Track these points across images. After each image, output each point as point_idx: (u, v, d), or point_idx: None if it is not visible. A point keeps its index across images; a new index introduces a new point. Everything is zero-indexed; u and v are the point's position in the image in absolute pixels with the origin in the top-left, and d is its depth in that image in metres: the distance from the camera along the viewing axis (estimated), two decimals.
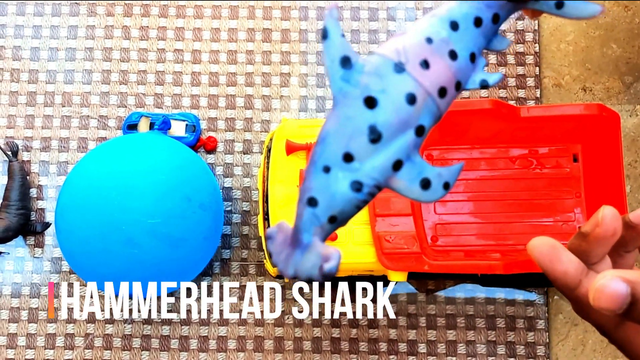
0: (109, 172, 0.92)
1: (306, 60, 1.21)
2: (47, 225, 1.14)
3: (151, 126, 1.15)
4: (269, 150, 0.97)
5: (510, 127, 0.96)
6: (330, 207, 0.37)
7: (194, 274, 1.02)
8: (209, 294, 1.13)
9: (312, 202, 0.38)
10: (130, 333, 1.12)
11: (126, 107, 1.19)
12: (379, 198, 0.89)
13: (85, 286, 1.13)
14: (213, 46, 1.21)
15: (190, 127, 1.16)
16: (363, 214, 0.91)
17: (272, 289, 1.12)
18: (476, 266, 0.87)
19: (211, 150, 1.17)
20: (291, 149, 0.92)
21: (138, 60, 1.21)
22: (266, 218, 0.95)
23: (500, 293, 1.12)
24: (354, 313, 1.11)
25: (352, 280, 1.07)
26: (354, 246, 0.90)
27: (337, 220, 0.38)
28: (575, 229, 1.02)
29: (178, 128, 1.15)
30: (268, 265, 1.01)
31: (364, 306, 1.11)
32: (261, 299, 1.12)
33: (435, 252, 0.95)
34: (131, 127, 1.16)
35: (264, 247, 0.96)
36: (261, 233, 0.97)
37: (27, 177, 1.16)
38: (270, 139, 0.99)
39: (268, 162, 0.96)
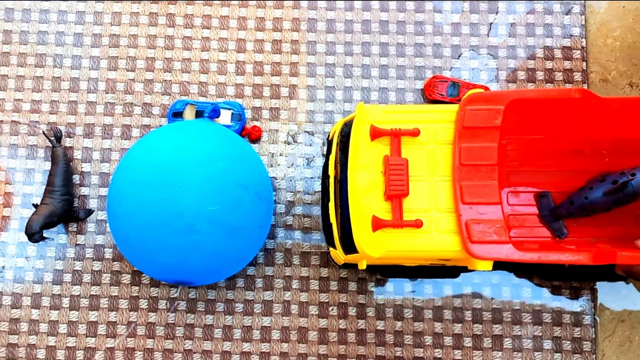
0: (166, 158, 0.91)
1: (351, 51, 1.20)
2: (90, 212, 1.14)
3: (197, 114, 1.14)
4: (343, 136, 0.96)
5: (592, 118, 0.95)
6: None
7: (245, 263, 1.01)
8: (251, 285, 1.12)
9: None
10: (173, 322, 1.11)
11: (170, 94, 1.18)
12: (466, 185, 0.88)
13: (129, 273, 1.12)
14: (258, 35, 1.21)
15: (235, 116, 1.15)
16: (448, 202, 0.89)
17: (324, 278, 1.11)
18: (564, 257, 0.86)
19: (256, 139, 1.17)
20: (376, 134, 0.90)
21: (182, 48, 1.20)
22: (340, 205, 0.93)
23: (546, 287, 1.11)
24: (400, 306, 1.11)
25: (416, 273, 1.06)
26: (438, 234, 0.88)
27: None
28: None
29: (224, 117, 1.14)
30: (335, 253, 1.00)
31: (409, 300, 1.10)
32: (306, 290, 1.12)
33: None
34: (176, 114, 1.15)
35: (335, 235, 0.95)
36: (333, 220, 0.96)
37: (71, 163, 1.15)
38: (345, 124, 0.97)
39: (342, 148, 0.95)
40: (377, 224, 0.87)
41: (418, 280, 1.11)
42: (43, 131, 1.15)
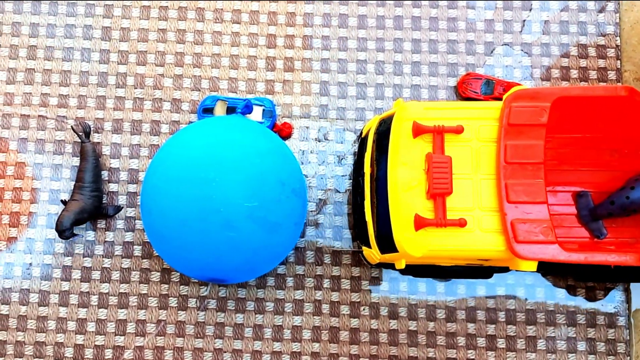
0: (203, 154, 0.89)
1: (383, 47, 1.18)
2: (119, 208, 1.12)
3: (228, 110, 1.12)
4: (378, 134, 0.94)
5: (635, 117, 0.94)
6: None
7: (279, 261, 0.99)
8: (282, 284, 1.11)
9: None
10: (203, 320, 1.09)
11: (200, 90, 1.17)
12: (512, 184, 0.87)
13: (158, 271, 1.11)
14: (288, 30, 1.19)
15: (266, 112, 1.13)
16: (492, 201, 0.88)
17: (356, 277, 1.10)
18: (611, 258, 0.84)
19: (286, 136, 1.15)
20: (419, 130, 0.89)
21: (212, 43, 1.18)
22: (377, 203, 0.91)
23: (580, 289, 1.10)
24: (433, 306, 1.09)
25: (449, 274, 1.05)
26: (481, 233, 0.87)
27: None
28: None
29: (256, 113, 1.13)
30: (369, 253, 0.99)
31: (440, 303, 1.09)
32: (337, 289, 1.10)
33: None
34: (206, 110, 1.14)
35: (370, 234, 0.93)
36: (368, 219, 0.94)
37: (100, 159, 1.13)
38: (382, 121, 0.96)
39: (378, 145, 0.94)
40: (420, 223, 0.85)
41: (450, 280, 1.10)
42: (72, 126, 1.13)
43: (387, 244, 0.89)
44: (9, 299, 1.10)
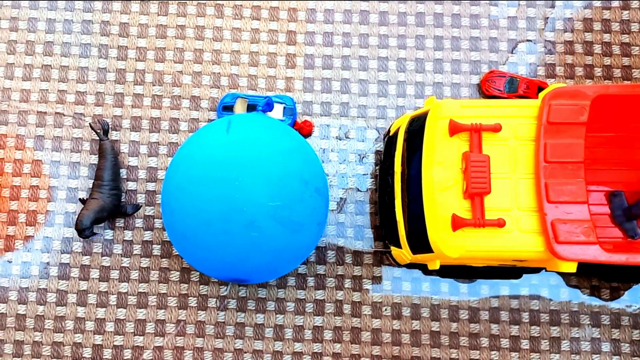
0: (224, 152, 0.88)
1: (404, 44, 1.17)
2: (138, 207, 1.11)
3: (249, 108, 1.11)
4: (409, 132, 0.93)
5: None
6: None
7: (301, 261, 0.98)
8: (302, 284, 1.09)
9: None
10: (223, 320, 1.08)
11: (219, 87, 1.15)
12: (552, 183, 0.86)
13: (178, 270, 1.10)
14: (309, 27, 1.17)
15: (287, 110, 1.12)
16: (530, 201, 0.86)
17: (377, 277, 1.08)
18: None
19: (307, 134, 1.14)
20: (456, 129, 0.87)
21: (231, 40, 1.17)
22: (408, 202, 0.90)
23: (604, 289, 1.09)
24: (456, 307, 1.08)
25: (477, 275, 1.04)
26: (520, 234, 0.86)
27: None
28: None
29: (277, 111, 1.11)
30: (398, 253, 0.97)
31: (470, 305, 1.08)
32: (359, 289, 1.09)
33: None
34: (226, 108, 1.12)
35: (401, 234, 0.92)
36: (399, 219, 0.93)
37: (118, 157, 1.12)
38: (414, 119, 0.94)
39: (409, 144, 0.92)
40: (458, 223, 0.84)
41: (475, 281, 1.08)
42: (90, 124, 1.11)
43: (420, 244, 0.87)
44: (26, 299, 1.09)
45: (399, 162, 0.93)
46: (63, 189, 1.12)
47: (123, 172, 1.12)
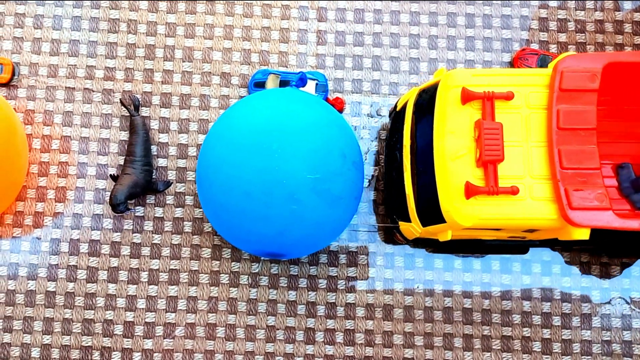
0: (265, 123, 0.87)
1: (436, 21, 1.16)
2: (169, 184, 1.10)
3: (281, 84, 1.10)
4: (417, 105, 0.92)
5: None
6: None
7: (338, 235, 0.98)
8: (334, 261, 1.09)
9: None
10: (255, 297, 1.08)
11: (250, 64, 1.14)
12: (565, 150, 0.85)
13: (209, 247, 1.09)
14: (339, 4, 1.16)
15: (319, 86, 1.11)
16: (543, 168, 0.86)
17: (409, 254, 1.08)
18: None
19: (339, 112, 1.13)
20: (468, 97, 0.86)
21: (261, 16, 1.16)
22: (419, 173, 0.89)
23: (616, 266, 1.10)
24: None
25: (484, 249, 1.03)
26: (532, 201, 0.85)
27: None
28: None
29: (310, 87, 1.10)
30: (407, 227, 0.97)
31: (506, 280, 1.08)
32: (391, 266, 1.09)
33: None
34: (257, 85, 1.11)
35: (410, 207, 0.91)
36: (409, 192, 0.92)
37: (149, 133, 1.11)
38: (423, 91, 0.94)
39: (418, 117, 0.91)
40: (471, 191, 0.83)
41: (488, 260, 1.09)
42: (120, 99, 1.10)
43: (431, 215, 0.86)
44: (55, 276, 1.08)
45: (408, 135, 0.93)
46: (93, 165, 1.10)
47: (154, 149, 1.11)
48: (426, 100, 0.92)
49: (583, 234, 0.84)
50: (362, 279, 1.09)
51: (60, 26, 1.14)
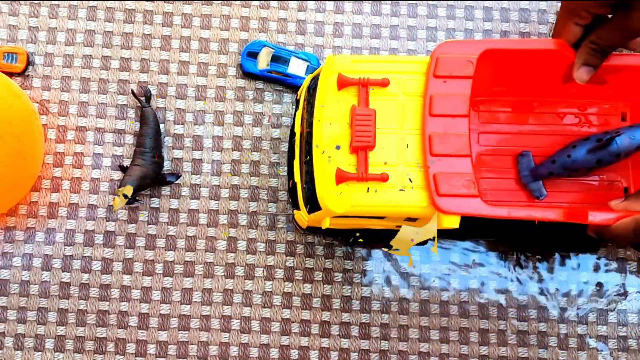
0: None
1: (453, 14, 1.16)
2: (178, 176, 1.09)
3: (273, 58, 1.09)
4: (310, 90, 0.91)
5: (566, 76, 0.92)
6: None
7: None
8: (350, 254, 1.09)
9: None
10: (270, 290, 1.07)
11: (248, 31, 1.13)
12: (436, 136, 0.84)
13: (224, 240, 1.09)
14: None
15: (310, 69, 1.10)
16: (416, 156, 0.85)
17: (424, 249, 1.08)
18: (535, 213, 0.83)
19: None
20: (343, 83, 0.85)
21: (278, 8, 1.15)
22: (306, 161, 0.88)
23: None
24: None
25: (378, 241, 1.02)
26: (404, 188, 0.84)
27: None
28: (620, 189, 1.01)
29: (299, 69, 1.09)
30: (299, 216, 0.96)
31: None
32: (405, 260, 1.09)
33: None
34: (250, 54, 1.10)
35: (299, 195, 0.91)
36: (297, 179, 0.91)
37: (160, 124, 1.10)
38: (313, 78, 0.93)
39: (309, 103, 0.90)
40: (341, 177, 0.82)
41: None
42: (132, 90, 1.10)
43: (314, 203, 0.85)
44: (70, 267, 1.07)
45: (299, 122, 0.92)
46: (108, 156, 1.10)
47: (169, 140, 1.10)
48: (314, 86, 0.91)
49: (453, 222, 0.82)
50: (377, 273, 1.09)
51: (76, 16, 1.13)
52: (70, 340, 1.05)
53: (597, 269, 1.08)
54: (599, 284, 1.08)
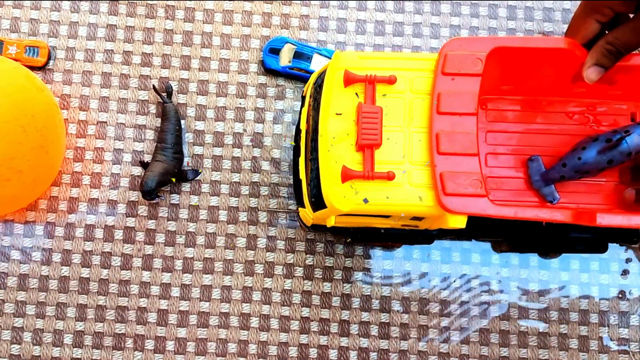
0: None
1: (477, 13, 1.15)
2: (198, 173, 1.09)
3: (295, 55, 1.09)
4: (316, 86, 0.89)
5: (575, 75, 0.89)
6: None
7: None
8: (370, 253, 1.08)
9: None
10: (290, 288, 1.07)
11: (270, 27, 1.12)
12: (443, 134, 0.82)
13: (244, 237, 1.08)
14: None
15: None
16: (423, 155, 0.83)
17: (446, 248, 1.07)
18: (542, 214, 0.80)
19: None
20: (350, 80, 0.83)
21: (300, 4, 1.14)
22: (311, 158, 0.86)
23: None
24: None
25: (389, 238, 1.00)
26: (411, 187, 0.82)
27: None
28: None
29: (322, 65, 1.08)
30: (303, 213, 0.95)
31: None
32: (427, 260, 1.08)
33: None
34: (273, 51, 1.09)
35: (304, 192, 0.89)
36: (302, 176, 0.90)
37: (181, 120, 1.10)
38: (319, 75, 0.91)
39: (314, 100, 0.89)
40: (347, 175, 0.80)
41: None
42: (153, 85, 1.09)
43: (319, 200, 0.84)
44: (90, 262, 1.07)
45: (304, 119, 0.91)
46: (128, 151, 1.10)
47: (190, 137, 1.10)
48: (320, 83, 0.89)
49: (459, 222, 0.81)
50: (397, 273, 1.08)
51: (98, 10, 1.13)
52: (89, 336, 1.05)
53: (624, 272, 1.08)
54: (622, 291, 1.07)
